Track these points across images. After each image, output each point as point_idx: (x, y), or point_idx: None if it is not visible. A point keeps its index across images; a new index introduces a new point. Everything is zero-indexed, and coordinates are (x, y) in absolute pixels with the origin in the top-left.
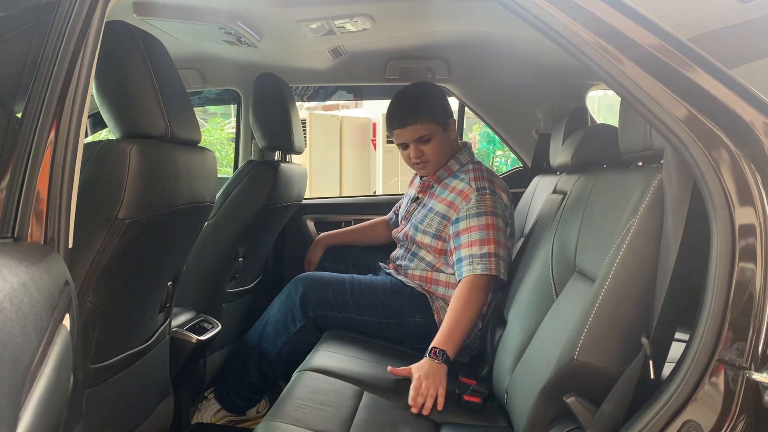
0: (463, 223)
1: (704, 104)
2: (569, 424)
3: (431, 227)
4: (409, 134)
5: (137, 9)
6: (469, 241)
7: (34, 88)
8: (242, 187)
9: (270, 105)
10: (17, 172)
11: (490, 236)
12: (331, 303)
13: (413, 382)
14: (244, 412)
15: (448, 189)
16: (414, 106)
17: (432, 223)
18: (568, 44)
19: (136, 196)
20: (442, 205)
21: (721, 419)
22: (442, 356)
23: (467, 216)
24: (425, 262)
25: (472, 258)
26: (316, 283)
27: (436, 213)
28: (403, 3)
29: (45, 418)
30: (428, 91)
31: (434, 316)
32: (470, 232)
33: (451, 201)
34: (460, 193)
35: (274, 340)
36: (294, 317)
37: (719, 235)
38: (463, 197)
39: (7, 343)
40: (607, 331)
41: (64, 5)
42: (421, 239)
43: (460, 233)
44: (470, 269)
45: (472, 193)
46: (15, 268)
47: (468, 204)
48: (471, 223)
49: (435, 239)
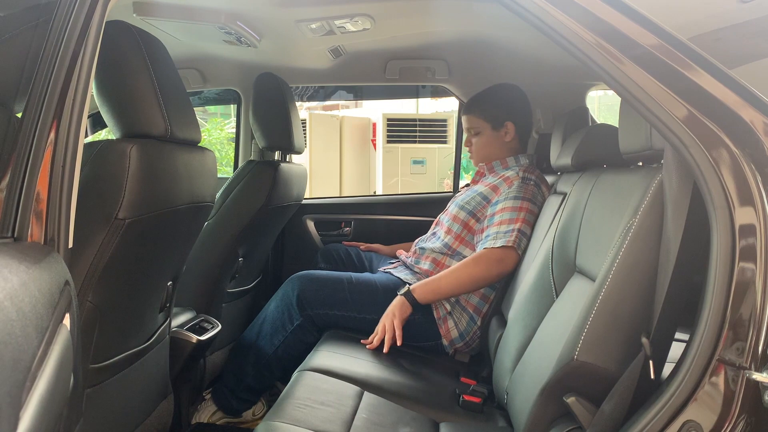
0: (501, 204)
1: (704, 104)
2: (569, 424)
3: (470, 204)
4: (465, 122)
5: (137, 9)
6: (500, 220)
7: (34, 87)
8: (242, 187)
9: (270, 105)
10: (17, 172)
11: (520, 216)
12: (328, 301)
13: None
14: (239, 413)
15: (498, 176)
16: (474, 99)
17: (472, 201)
18: (568, 44)
19: (136, 196)
20: (487, 188)
21: (721, 419)
22: (406, 293)
23: (506, 198)
24: (442, 242)
25: (497, 234)
26: (313, 281)
27: (479, 194)
28: (403, 3)
29: (46, 418)
30: (500, 90)
31: (434, 313)
32: (503, 212)
33: (496, 185)
34: (506, 179)
35: (271, 339)
36: (291, 316)
37: (719, 235)
38: (507, 183)
39: (8, 342)
40: (607, 331)
41: (64, 5)
42: (457, 213)
43: (495, 214)
44: (492, 243)
45: (516, 180)
46: (15, 268)
47: (510, 188)
48: (507, 205)
49: (470, 216)
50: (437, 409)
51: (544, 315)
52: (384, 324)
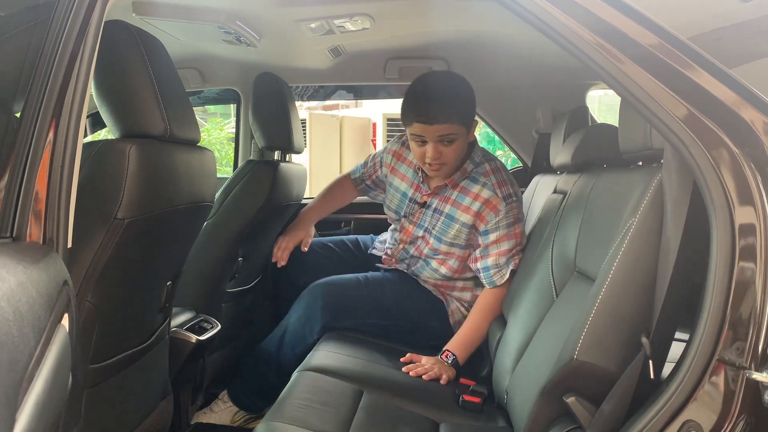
0: (493, 235)
1: (704, 104)
2: (569, 424)
3: (460, 239)
4: (433, 132)
5: (137, 9)
6: (498, 251)
7: (33, 87)
8: (242, 187)
9: (270, 105)
10: (16, 171)
11: (517, 246)
12: (350, 311)
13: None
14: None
15: (470, 196)
16: (446, 103)
17: (460, 234)
18: (568, 44)
19: (136, 196)
20: (468, 216)
21: (721, 419)
22: (452, 360)
23: (497, 228)
24: (439, 273)
25: (498, 268)
26: (335, 292)
27: (462, 224)
28: (403, 3)
29: (43, 419)
30: (458, 85)
31: (449, 319)
32: (499, 243)
33: (478, 212)
34: (487, 203)
35: (293, 348)
36: (312, 328)
37: (719, 234)
38: (491, 208)
39: (5, 343)
40: (607, 331)
41: (62, 5)
42: (449, 250)
43: (489, 245)
44: (498, 279)
45: (500, 204)
46: (13, 268)
47: (497, 216)
48: (501, 234)
49: (464, 249)
50: (437, 409)
51: (544, 315)
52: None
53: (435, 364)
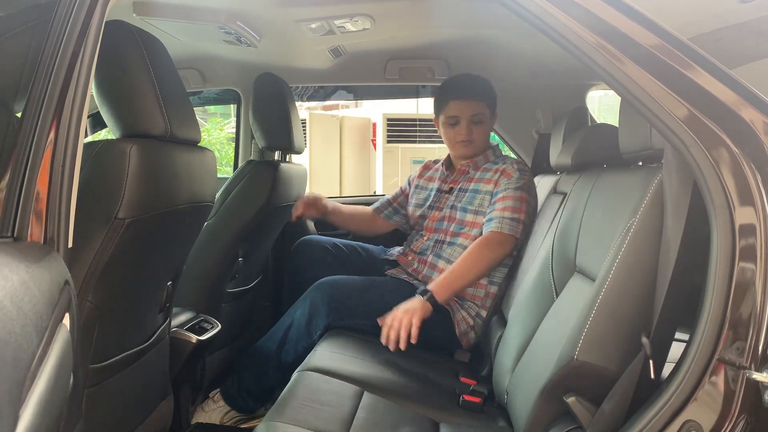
0: (502, 193)
1: (705, 104)
2: (569, 424)
3: (484, 207)
4: (467, 108)
5: (137, 9)
6: (503, 206)
7: (33, 87)
8: (242, 187)
9: (270, 105)
10: (17, 171)
11: (522, 207)
12: (355, 311)
13: (388, 319)
14: (254, 411)
15: (491, 171)
16: (479, 84)
17: (483, 202)
18: (568, 44)
19: (136, 196)
20: (489, 186)
21: (721, 419)
22: (426, 295)
23: (506, 188)
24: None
25: (502, 219)
26: (340, 291)
27: (485, 192)
28: (403, 3)
29: (45, 417)
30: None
31: (455, 329)
32: (505, 200)
33: (496, 179)
34: (503, 172)
35: (296, 347)
36: (317, 325)
37: (719, 235)
38: (505, 175)
39: (8, 341)
40: (608, 331)
41: (63, 5)
42: (474, 219)
43: (497, 201)
44: (498, 226)
45: (514, 172)
46: (15, 267)
47: (509, 180)
48: (508, 194)
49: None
50: (437, 409)
51: (544, 315)
52: (400, 319)
53: (404, 314)
